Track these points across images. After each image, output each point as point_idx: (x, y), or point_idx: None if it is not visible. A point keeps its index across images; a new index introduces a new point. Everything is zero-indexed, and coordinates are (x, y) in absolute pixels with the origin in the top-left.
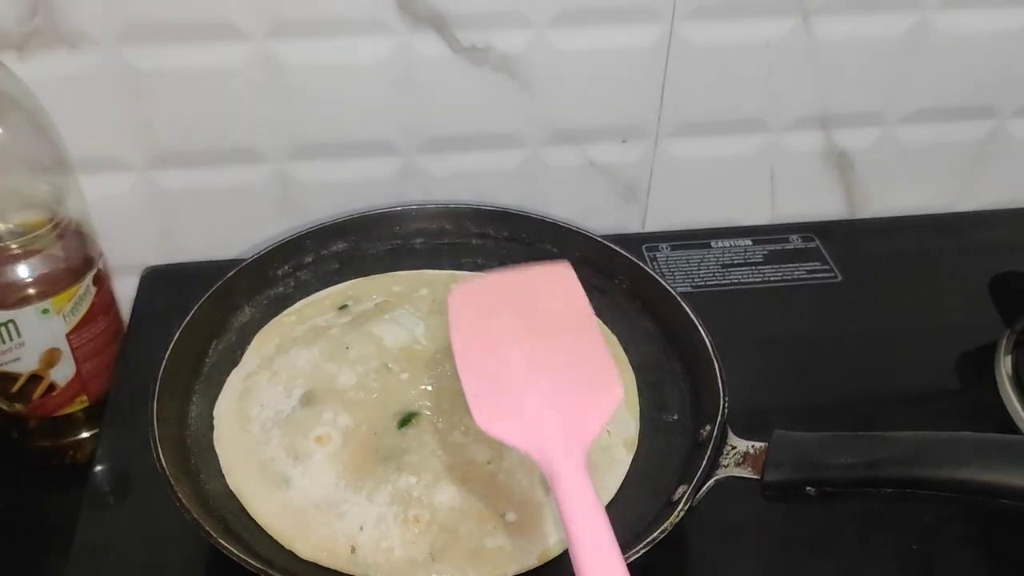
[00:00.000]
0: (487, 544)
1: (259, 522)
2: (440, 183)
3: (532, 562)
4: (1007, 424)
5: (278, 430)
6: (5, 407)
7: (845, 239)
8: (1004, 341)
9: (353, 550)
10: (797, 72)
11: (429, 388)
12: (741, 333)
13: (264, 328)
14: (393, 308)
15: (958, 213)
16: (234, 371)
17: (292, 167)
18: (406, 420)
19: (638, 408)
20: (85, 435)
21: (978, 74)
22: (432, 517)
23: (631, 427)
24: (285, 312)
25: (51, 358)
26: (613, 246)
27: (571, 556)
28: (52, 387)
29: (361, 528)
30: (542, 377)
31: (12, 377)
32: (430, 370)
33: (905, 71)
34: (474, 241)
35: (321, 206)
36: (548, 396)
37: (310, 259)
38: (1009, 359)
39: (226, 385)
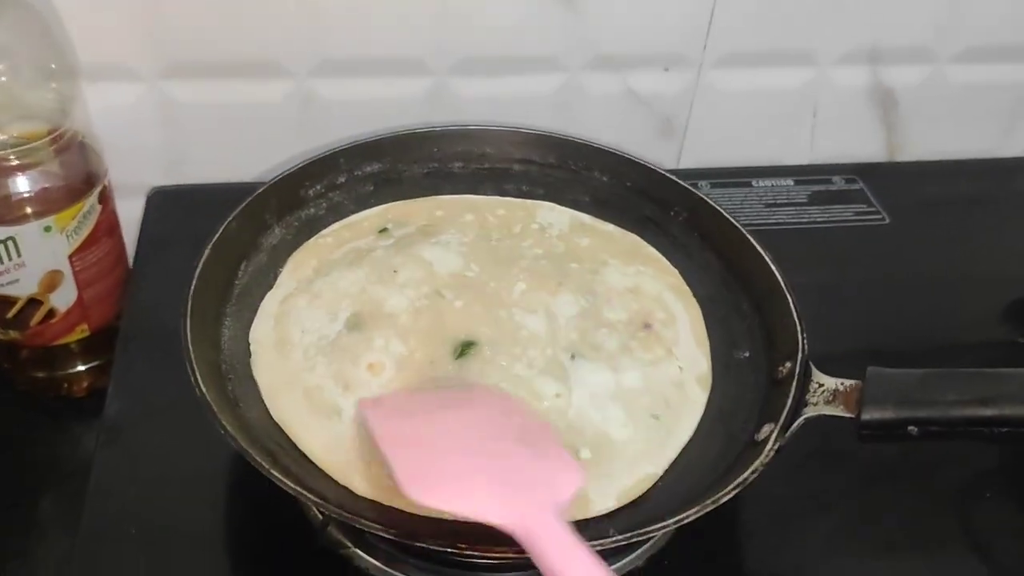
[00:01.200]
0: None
1: (309, 455)
2: (470, 107)
3: (611, 504)
4: None
5: (323, 357)
6: None
7: (888, 181)
8: None
9: None
10: (851, 1)
11: (481, 315)
12: (792, 276)
13: (299, 250)
14: (438, 232)
15: (1001, 158)
16: (269, 294)
17: (315, 83)
18: (464, 349)
19: (708, 344)
20: (81, 368)
21: None
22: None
23: (703, 364)
24: (320, 234)
25: (52, 281)
26: (671, 176)
27: None
28: (51, 313)
29: None
30: (488, 458)
31: (9, 301)
32: (484, 299)
33: (959, 5)
34: (516, 167)
35: (342, 128)
36: (501, 475)
37: (343, 179)
38: None
39: (260, 309)
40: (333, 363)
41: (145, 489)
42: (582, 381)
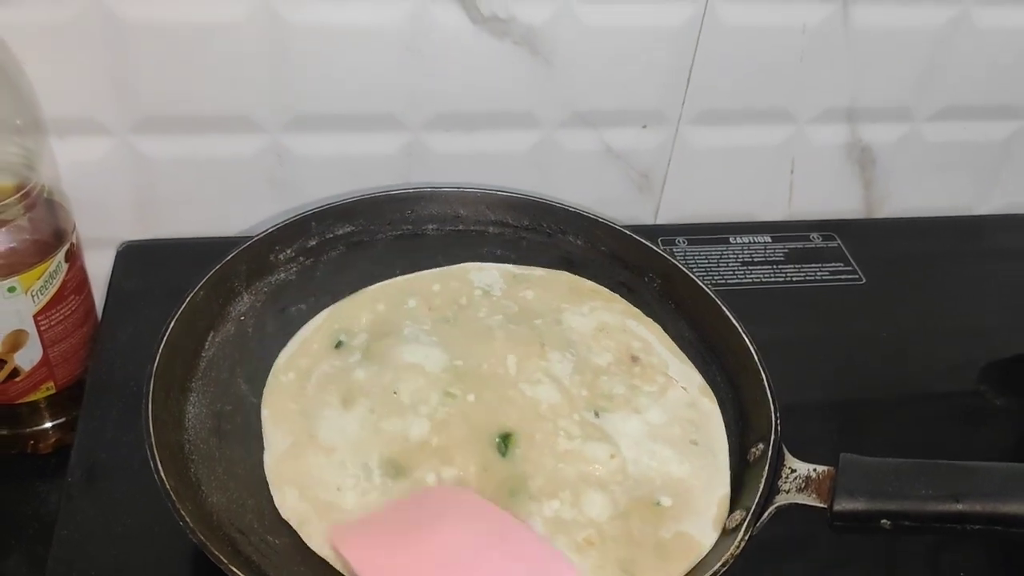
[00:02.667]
0: (664, 536)
1: None
2: (445, 163)
3: (712, 535)
4: None
5: (375, 507)
6: None
7: (865, 239)
8: None
9: None
10: (830, 61)
11: (497, 402)
12: (765, 335)
13: (266, 394)
14: (396, 329)
15: (976, 216)
16: (266, 457)
17: (287, 138)
18: (505, 444)
19: (683, 353)
20: (47, 425)
21: (1011, 71)
22: (600, 533)
23: (694, 376)
24: (276, 368)
25: (16, 340)
26: (645, 242)
27: None
28: (16, 372)
29: None
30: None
31: None
32: (490, 385)
33: (938, 65)
34: (491, 229)
35: (315, 183)
36: None
37: (314, 243)
38: None
39: (271, 480)
40: None
41: (110, 547)
42: (620, 434)
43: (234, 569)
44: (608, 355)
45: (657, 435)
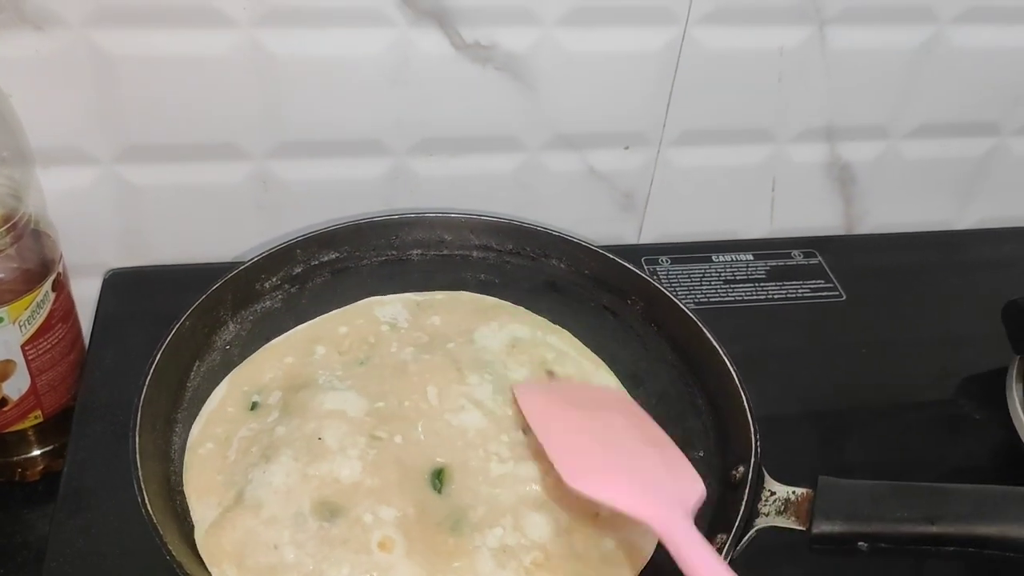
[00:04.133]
0: (607, 547)
1: None
2: (430, 186)
3: (653, 540)
4: (1017, 449)
5: (320, 555)
6: None
7: (845, 255)
8: (1015, 369)
9: None
10: (808, 82)
11: (424, 438)
12: (747, 353)
13: (186, 473)
14: (310, 381)
15: (955, 231)
16: (196, 535)
17: (274, 165)
18: (439, 479)
19: (597, 356)
20: (35, 453)
21: (986, 90)
22: (546, 554)
23: (611, 379)
24: (192, 443)
25: (4, 371)
26: (627, 265)
27: None
28: (4, 401)
29: None
30: (628, 456)
31: None
32: (414, 421)
33: (914, 84)
34: (475, 254)
35: (302, 208)
36: (642, 474)
37: (299, 270)
38: (1021, 387)
39: (207, 557)
40: (341, 560)
41: (101, 571)
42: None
43: None
44: (525, 370)
45: None
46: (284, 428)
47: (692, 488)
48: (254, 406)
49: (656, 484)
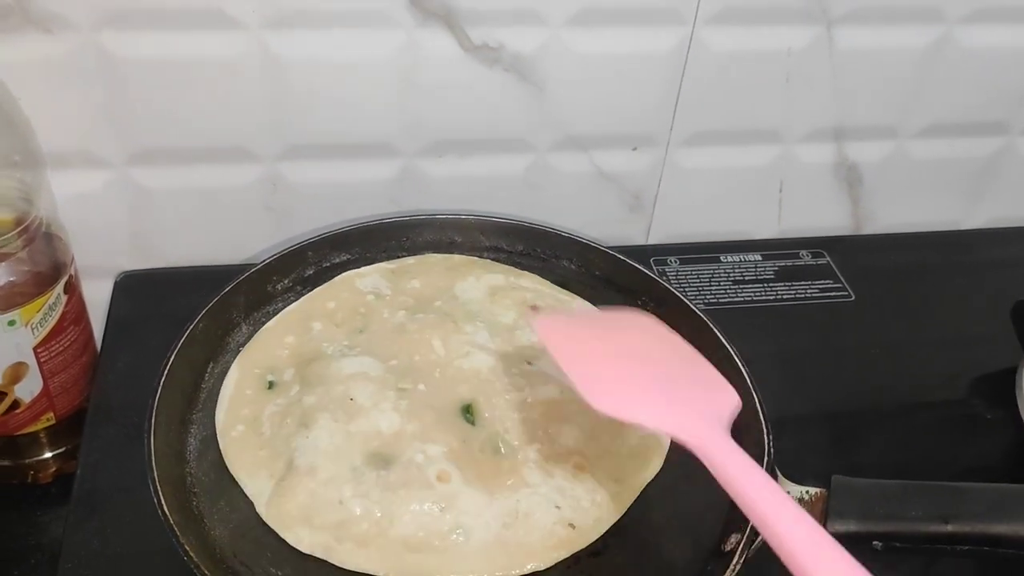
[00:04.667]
0: (632, 442)
1: None
2: (439, 187)
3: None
4: None
5: (385, 501)
6: None
7: (854, 255)
8: None
9: (572, 526)
10: (815, 83)
11: (444, 382)
12: (757, 353)
13: (225, 454)
14: (319, 355)
15: (963, 231)
16: (258, 507)
17: (283, 168)
18: (470, 412)
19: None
20: (47, 455)
21: (994, 89)
22: (584, 455)
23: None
24: (221, 430)
25: (16, 373)
26: (638, 266)
27: (750, 515)
28: (16, 404)
29: (558, 507)
30: (655, 374)
31: None
32: (430, 372)
33: (922, 84)
34: (485, 255)
35: (312, 210)
36: (670, 390)
37: (311, 272)
38: None
39: (270, 525)
40: (408, 500)
41: (115, 571)
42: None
43: None
44: (511, 312)
45: None
46: (312, 397)
47: (726, 399)
48: (271, 385)
49: (687, 399)
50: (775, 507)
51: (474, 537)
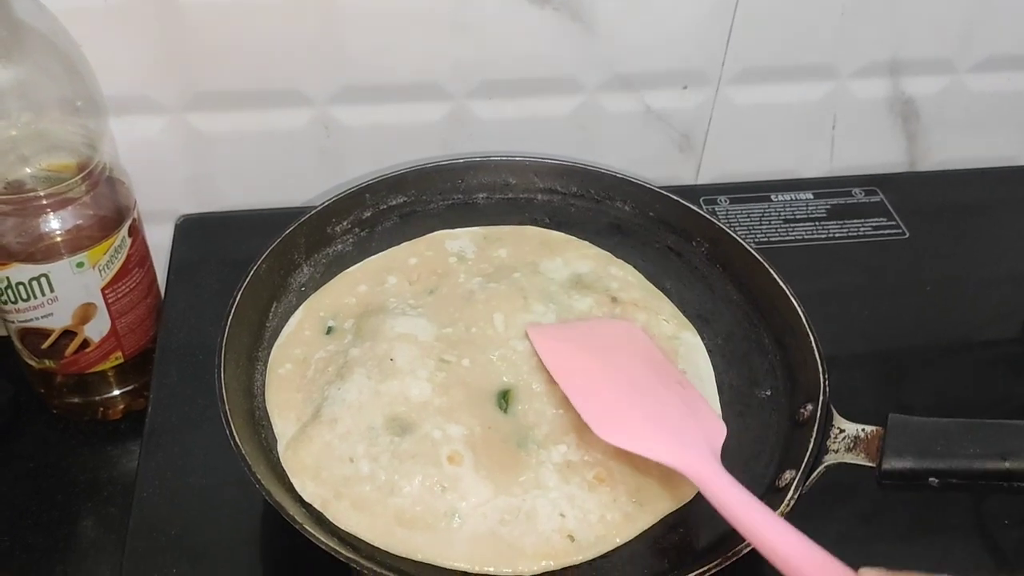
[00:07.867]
0: (667, 468)
1: (427, 562)
2: (489, 129)
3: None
4: None
5: (391, 468)
6: (33, 363)
7: (907, 192)
8: None
9: (572, 538)
10: (871, 15)
11: (491, 362)
12: (809, 292)
13: (267, 387)
14: (383, 307)
15: (1021, 166)
16: (280, 449)
17: (336, 111)
18: (504, 400)
19: (655, 288)
20: (116, 393)
21: None
22: (608, 468)
23: (667, 307)
24: (271, 363)
25: (85, 314)
26: (692, 206)
27: (753, 542)
28: (86, 343)
29: (563, 515)
30: (652, 403)
31: (43, 333)
32: (481, 347)
33: (980, 15)
34: (539, 197)
35: (362, 154)
36: (668, 420)
37: (369, 214)
38: None
39: (289, 471)
40: (412, 472)
41: (186, 507)
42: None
43: (308, 528)
44: (588, 299)
45: None
46: (358, 350)
47: (716, 428)
48: (330, 330)
49: (683, 430)
50: (777, 534)
51: (467, 526)
